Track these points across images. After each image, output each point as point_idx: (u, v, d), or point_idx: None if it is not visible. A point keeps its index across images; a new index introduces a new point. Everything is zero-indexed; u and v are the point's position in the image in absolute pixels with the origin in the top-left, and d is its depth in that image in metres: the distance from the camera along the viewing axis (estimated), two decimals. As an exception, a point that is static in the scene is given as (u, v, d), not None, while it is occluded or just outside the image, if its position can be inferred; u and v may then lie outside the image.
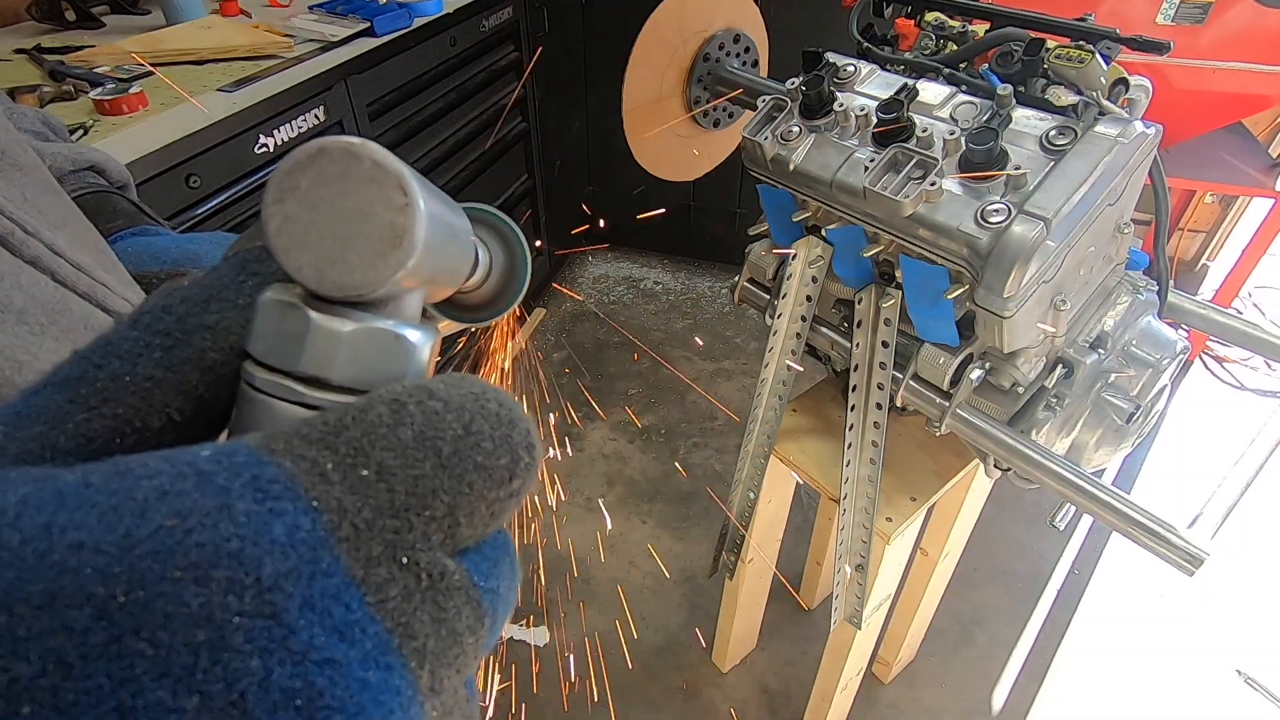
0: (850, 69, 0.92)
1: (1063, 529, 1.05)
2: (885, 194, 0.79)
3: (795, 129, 0.89)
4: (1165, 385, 0.93)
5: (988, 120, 0.79)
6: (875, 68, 0.92)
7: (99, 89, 1.13)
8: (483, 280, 0.26)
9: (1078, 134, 0.76)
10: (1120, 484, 1.90)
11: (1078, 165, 0.74)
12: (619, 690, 1.56)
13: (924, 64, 0.90)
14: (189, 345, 0.19)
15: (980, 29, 0.91)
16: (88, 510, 0.13)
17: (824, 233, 0.93)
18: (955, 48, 0.93)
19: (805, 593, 1.72)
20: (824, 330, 1.02)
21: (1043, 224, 0.73)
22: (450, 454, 0.16)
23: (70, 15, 1.49)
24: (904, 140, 0.81)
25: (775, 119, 0.92)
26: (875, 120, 0.84)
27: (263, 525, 0.14)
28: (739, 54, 1.18)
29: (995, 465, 0.93)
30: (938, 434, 0.91)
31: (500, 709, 1.47)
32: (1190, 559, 0.72)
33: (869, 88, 0.90)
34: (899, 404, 0.94)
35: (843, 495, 1.01)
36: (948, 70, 0.88)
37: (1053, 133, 0.77)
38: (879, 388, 0.94)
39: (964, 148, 0.77)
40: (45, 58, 1.29)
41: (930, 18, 0.97)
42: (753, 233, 1.09)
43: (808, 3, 2.00)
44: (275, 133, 1.28)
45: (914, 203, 0.78)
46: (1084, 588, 1.76)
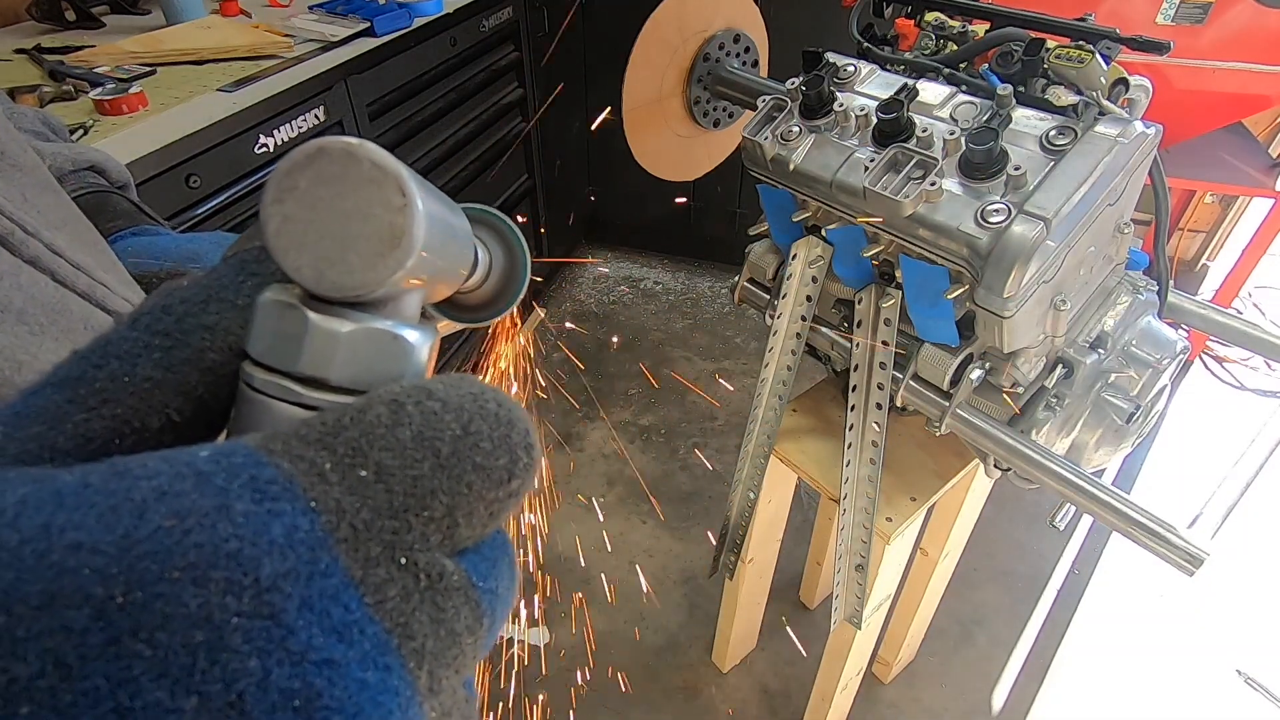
0: (850, 69, 0.92)
1: (1063, 529, 1.05)
2: (885, 194, 0.79)
3: (795, 129, 0.89)
4: (1165, 385, 0.93)
5: (988, 120, 0.79)
6: (875, 68, 0.92)
7: (99, 89, 1.13)
8: (482, 280, 0.26)
9: (1078, 134, 0.76)
10: (1120, 484, 1.90)
11: (1078, 165, 0.74)
12: (619, 690, 1.56)
13: (924, 64, 0.90)
14: (188, 345, 0.19)
15: (980, 29, 0.91)
16: (86, 511, 0.13)
17: (824, 233, 0.93)
18: (955, 48, 0.93)
19: (805, 593, 1.72)
20: (824, 330, 1.02)
21: (1043, 224, 0.73)
22: (449, 454, 0.16)
23: (70, 15, 1.49)
24: (904, 140, 0.81)
25: (775, 119, 0.92)
26: (875, 120, 0.84)
27: (261, 526, 0.14)
28: (739, 54, 1.18)
29: (995, 465, 0.93)
30: (938, 434, 0.91)
31: (500, 709, 1.47)
32: (1190, 559, 0.72)
33: (869, 88, 0.90)
34: (899, 404, 0.94)
35: (843, 495, 1.01)
36: (948, 70, 0.88)
37: (1053, 133, 0.77)
38: (879, 388, 0.94)
39: (964, 148, 0.77)
40: (45, 58, 1.29)
41: (930, 18, 0.97)
42: (753, 233, 1.09)
43: (808, 3, 2.00)
44: (275, 133, 1.28)
45: (914, 203, 0.78)
46: (1084, 588, 1.76)
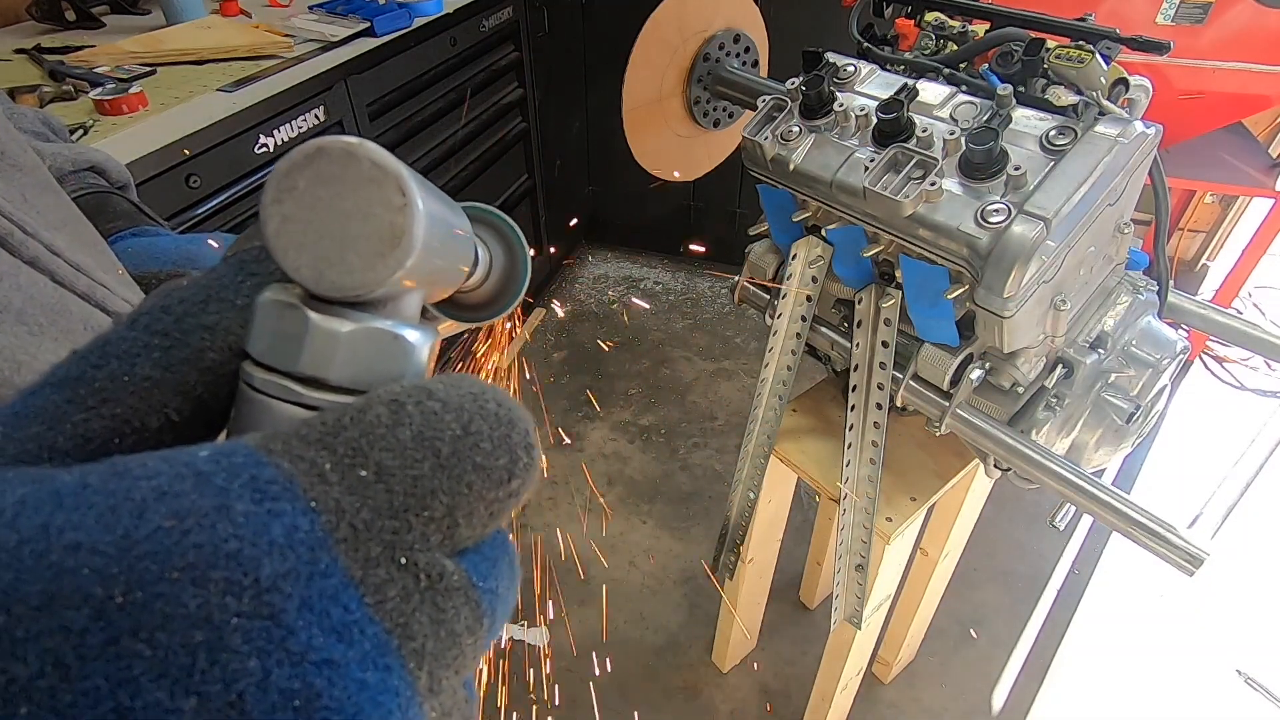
0: (850, 69, 0.91)
1: (1063, 529, 1.05)
2: (885, 194, 0.79)
3: (795, 129, 0.89)
4: (1165, 385, 0.93)
5: (988, 120, 0.79)
6: (875, 68, 0.92)
7: (99, 89, 1.13)
8: (483, 280, 0.26)
9: (1078, 134, 0.76)
10: (1120, 484, 1.90)
11: (1078, 165, 0.74)
12: (619, 690, 1.56)
13: (924, 64, 0.90)
14: (187, 345, 0.18)
15: (980, 29, 0.91)
16: (85, 511, 0.13)
17: (824, 233, 0.93)
18: (955, 48, 0.92)
19: (805, 593, 1.72)
20: (824, 330, 1.02)
21: (1043, 224, 0.72)
22: (449, 454, 0.16)
23: (70, 15, 1.49)
24: (904, 140, 0.81)
25: (775, 119, 0.92)
26: (875, 120, 0.84)
27: (261, 526, 0.14)
28: (739, 54, 1.18)
29: (995, 465, 0.93)
30: (938, 434, 0.91)
31: (500, 709, 1.47)
32: (1190, 559, 0.72)
33: (869, 88, 0.90)
34: (899, 404, 0.94)
35: (843, 495, 1.01)
36: (948, 70, 0.88)
37: (1053, 133, 0.77)
38: (879, 388, 0.94)
39: (964, 148, 0.77)
40: (45, 58, 1.29)
41: (930, 18, 0.96)
42: (753, 233, 1.09)
43: (808, 3, 2.00)
44: (275, 133, 1.28)
45: (914, 203, 0.78)
46: (1084, 588, 1.76)
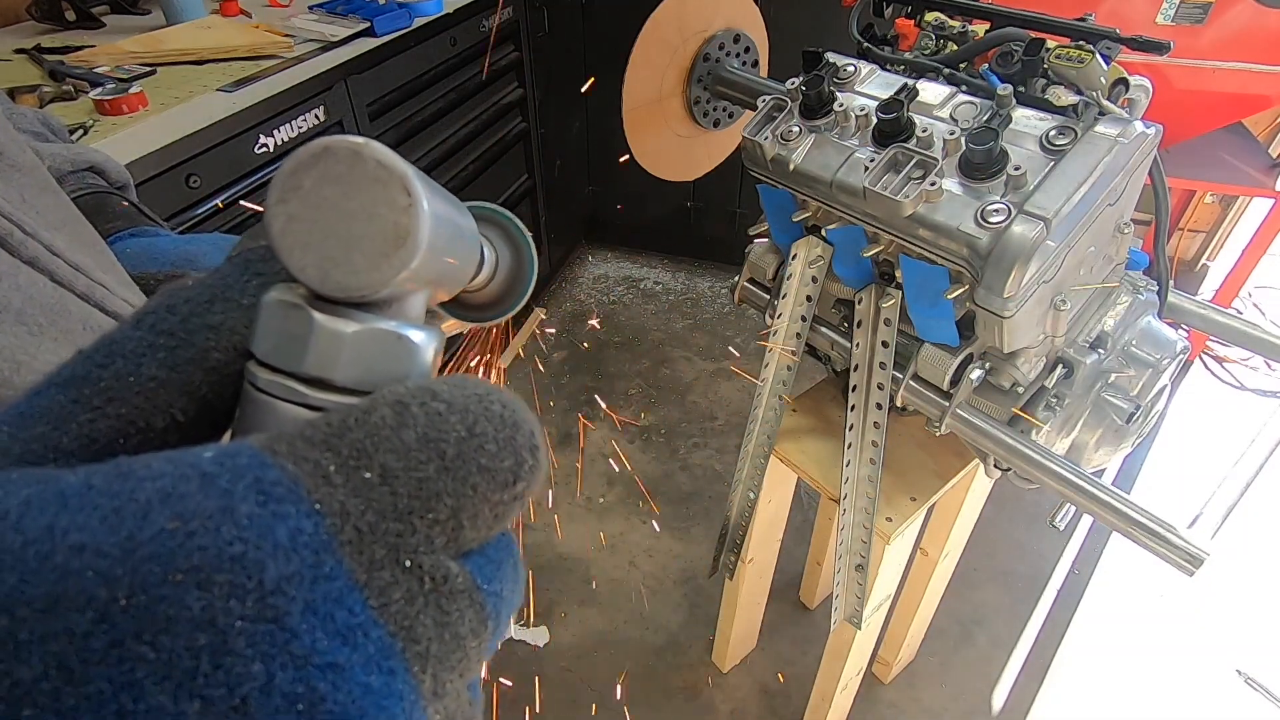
0: (850, 69, 0.91)
1: (1063, 529, 1.05)
2: (885, 194, 0.79)
3: (795, 129, 0.89)
4: (1165, 385, 0.93)
5: (988, 120, 0.79)
6: (875, 68, 0.92)
7: (99, 89, 1.13)
8: (489, 279, 0.26)
9: (1078, 134, 0.76)
10: (1120, 484, 1.90)
11: (1078, 165, 0.74)
12: (618, 690, 1.56)
13: (924, 64, 0.90)
14: (192, 345, 0.18)
15: (980, 29, 0.91)
16: (90, 512, 0.13)
17: (824, 233, 0.93)
18: (955, 48, 0.92)
19: (805, 593, 1.72)
20: (824, 330, 1.02)
21: (1043, 224, 0.73)
22: (454, 456, 0.16)
23: (70, 15, 1.49)
24: (904, 140, 0.81)
25: (775, 119, 0.92)
26: (875, 120, 0.84)
27: (265, 528, 0.14)
28: (739, 54, 1.18)
29: (995, 465, 0.93)
30: (938, 434, 0.91)
31: (500, 708, 1.47)
32: (1190, 559, 0.72)
33: (869, 88, 0.90)
34: (899, 404, 0.94)
35: (843, 495, 1.01)
36: (948, 70, 0.88)
37: (1053, 133, 0.77)
38: (879, 388, 0.94)
39: (964, 148, 0.77)
40: (45, 58, 1.29)
41: (930, 18, 0.96)
42: (753, 233, 1.09)
43: (808, 3, 2.00)
44: (275, 133, 1.28)
45: (914, 203, 0.78)
46: (1084, 588, 1.76)
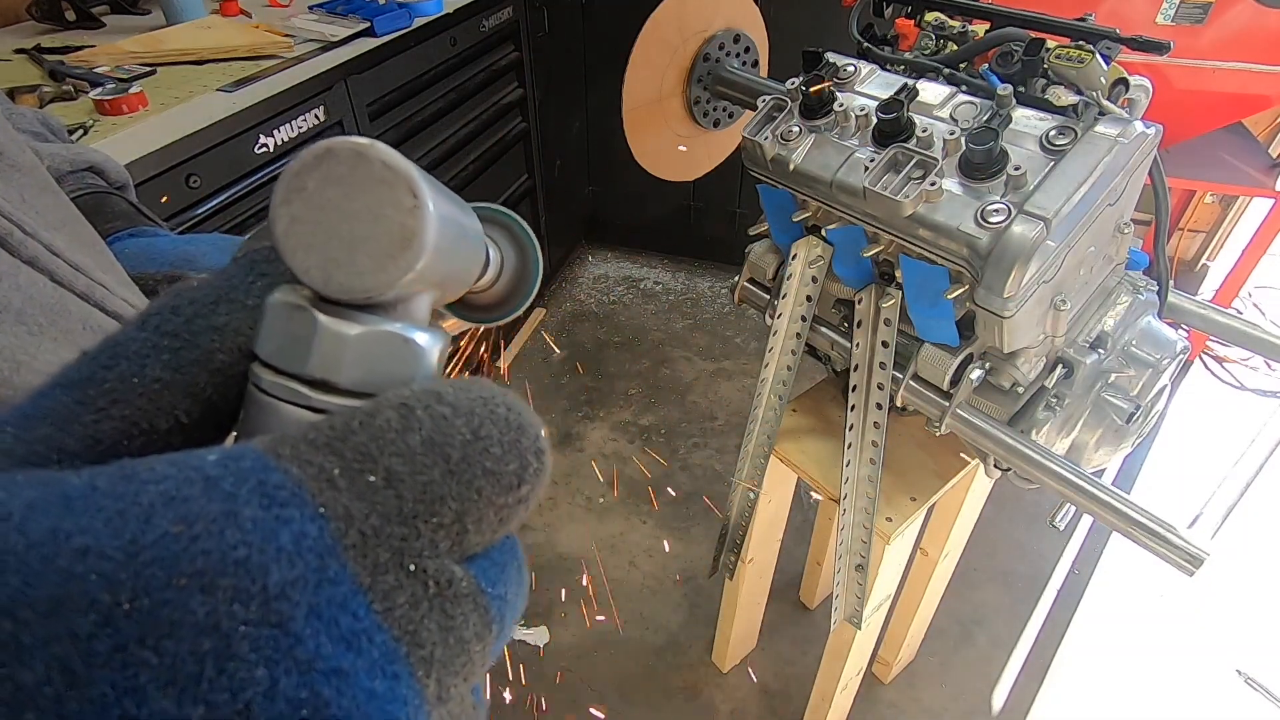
0: (850, 69, 0.91)
1: (1063, 529, 1.05)
2: (885, 194, 0.79)
3: (795, 129, 0.89)
4: (1165, 385, 0.93)
5: (988, 120, 0.79)
6: (875, 68, 0.92)
7: (99, 89, 1.13)
8: (494, 280, 0.26)
9: (1078, 134, 0.76)
10: (1120, 484, 1.90)
11: (1078, 165, 0.74)
12: (619, 690, 1.56)
13: (924, 64, 0.90)
14: (197, 347, 0.18)
15: (980, 29, 0.91)
16: (94, 515, 0.13)
17: (824, 233, 0.93)
18: (955, 48, 0.92)
19: (805, 593, 1.72)
20: (824, 330, 1.02)
21: (1043, 224, 0.72)
22: (459, 460, 0.16)
23: (70, 15, 1.49)
24: (904, 140, 0.81)
25: (775, 119, 0.92)
26: (875, 120, 0.84)
27: (269, 532, 0.13)
28: (739, 54, 1.18)
29: (995, 465, 0.93)
30: (938, 434, 0.91)
31: (499, 708, 1.47)
32: (1190, 559, 0.72)
33: (869, 88, 0.90)
34: (899, 404, 0.94)
35: (843, 495, 1.01)
36: (948, 70, 0.88)
37: (1053, 133, 0.77)
38: (879, 388, 0.94)
39: (964, 148, 0.77)
40: (45, 58, 1.29)
41: (930, 18, 0.96)
42: (753, 233, 1.09)
43: (808, 3, 2.00)
44: (275, 133, 1.28)
45: (914, 203, 0.78)
46: (1084, 588, 1.76)
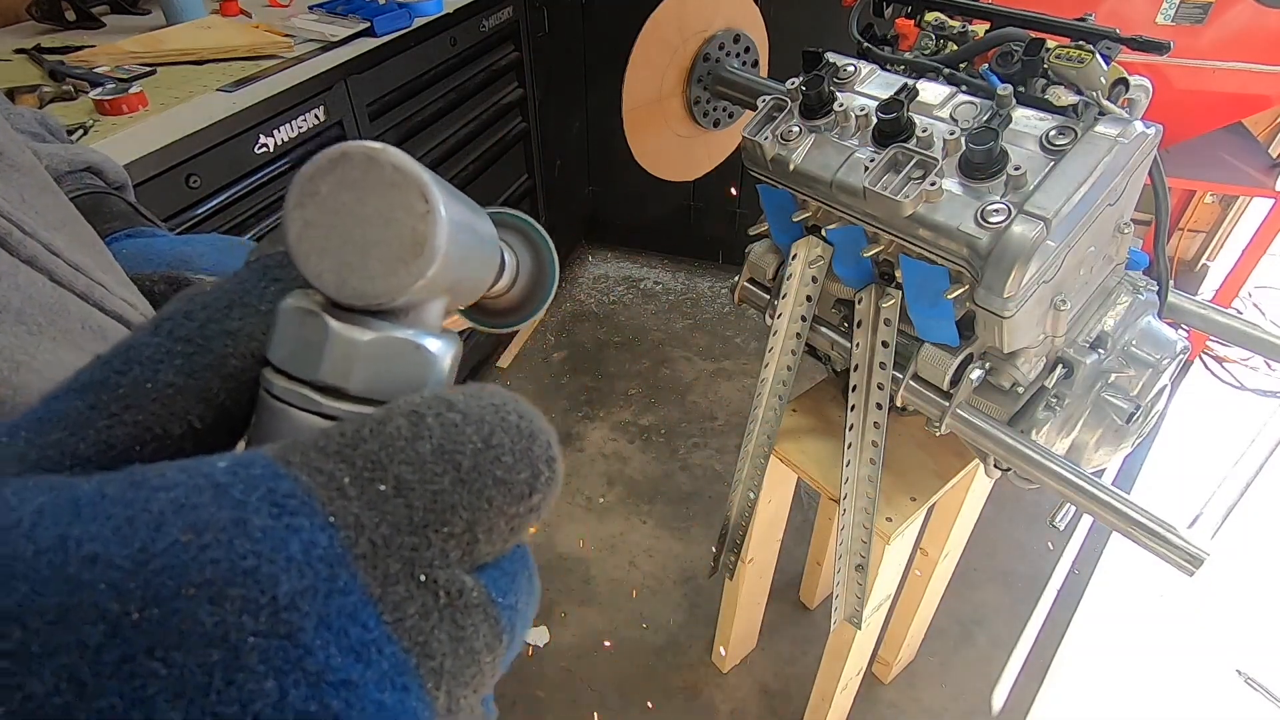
0: (850, 69, 0.91)
1: (1063, 529, 1.05)
2: (885, 194, 0.79)
3: (795, 129, 0.89)
4: (1165, 385, 0.93)
5: (988, 120, 0.79)
6: (875, 68, 0.92)
7: (99, 89, 1.13)
8: (509, 285, 0.26)
9: (1078, 134, 0.76)
10: (1120, 484, 1.90)
11: (1078, 165, 0.74)
12: (619, 690, 1.56)
13: (924, 64, 0.90)
14: (210, 351, 0.18)
15: (980, 29, 0.91)
16: (103, 522, 0.13)
17: (824, 233, 0.93)
18: (955, 48, 0.92)
19: (805, 593, 1.72)
20: (824, 330, 1.02)
21: (1043, 224, 0.73)
22: (470, 468, 0.15)
23: (70, 15, 1.49)
24: (904, 140, 0.81)
25: (775, 119, 0.92)
26: (875, 120, 0.84)
27: (279, 542, 0.13)
28: (739, 54, 1.18)
29: (995, 465, 0.93)
30: (938, 434, 0.91)
31: (499, 708, 1.47)
32: (1190, 559, 0.72)
33: (869, 88, 0.90)
34: (899, 404, 0.94)
35: (843, 495, 1.01)
36: (948, 70, 0.88)
37: (1053, 133, 0.77)
38: (879, 388, 0.94)
39: (964, 148, 0.77)
40: (45, 58, 1.29)
41: (930, 18, 0.96)
42: (753, 233, 1.09)
43: (808, 3, 2.00)
44: (275, 133, 1.28)
45: (914, 203, 0.78)
46: (1084, 588, 1.77)
